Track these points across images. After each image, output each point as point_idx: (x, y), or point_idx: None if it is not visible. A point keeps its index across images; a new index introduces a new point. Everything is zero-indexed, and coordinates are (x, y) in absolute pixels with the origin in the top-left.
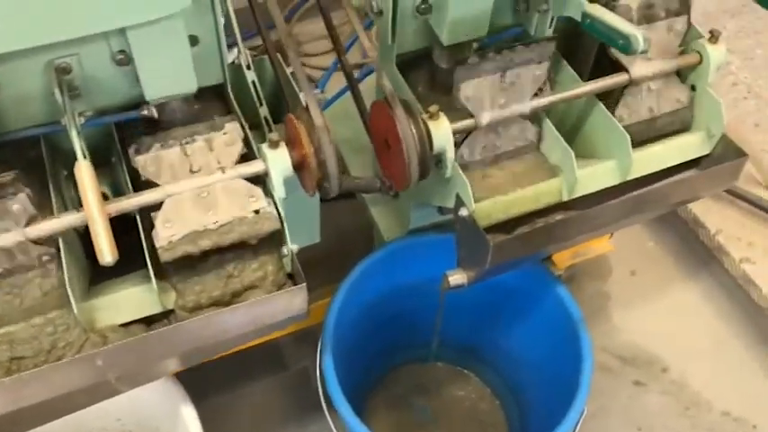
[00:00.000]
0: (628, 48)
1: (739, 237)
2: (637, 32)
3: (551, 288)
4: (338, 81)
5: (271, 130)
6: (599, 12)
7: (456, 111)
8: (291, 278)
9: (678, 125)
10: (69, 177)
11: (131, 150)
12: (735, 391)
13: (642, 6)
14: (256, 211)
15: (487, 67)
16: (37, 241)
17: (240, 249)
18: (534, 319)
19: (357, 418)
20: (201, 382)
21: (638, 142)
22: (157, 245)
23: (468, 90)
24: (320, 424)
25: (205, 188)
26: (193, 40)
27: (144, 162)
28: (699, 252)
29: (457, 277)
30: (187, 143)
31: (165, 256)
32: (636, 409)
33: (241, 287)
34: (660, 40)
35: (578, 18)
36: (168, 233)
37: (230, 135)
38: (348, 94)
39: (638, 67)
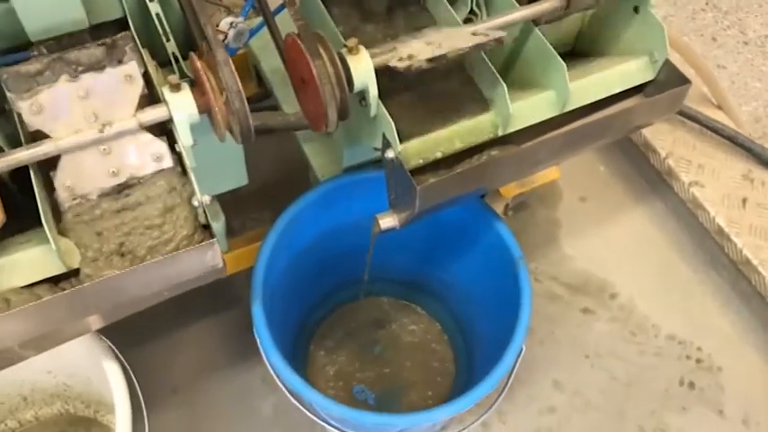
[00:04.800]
0: None
1: (689, 159)
2: None
3: (491, 225)
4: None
5: (180, 69)
6: None
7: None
8: (207, 229)
9: None
10: None
11: (11, 96)
12: (681, 315)
13: None
14: (160, 171)
15: None
16: None
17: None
18: (475, 255)
19: (289, 367)
20: (141, 326)
21: None
22: (61, 210)
23: None
24: (265, 367)
25: (105, 142)
26: None
27: (29, 108)
28: (649, 176)
29: (388, 220)
30: (77, 75)
31: (70, 224)
32: (584, 337)
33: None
34: None
35: None
36: (69, 196)
37: (129, 66)
38: (278, 17)
39: None
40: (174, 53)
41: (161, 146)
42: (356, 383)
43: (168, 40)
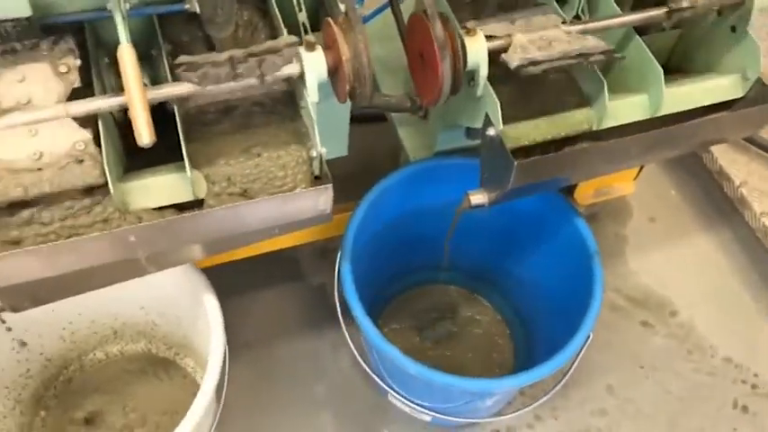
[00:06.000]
0: None
1: (762, 190)
2: None
3: (569, 218)
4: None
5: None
6: None
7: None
8: (318, 181)
9: None
10: (110, 66)
11: (178, 71)
12: (739, 340)
13: None
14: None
15: None
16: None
17: (268, 148)
18: (550, 248)
19: (370, 321)
20: (220, 282)
21: None
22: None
23: None
24: (335, 335)
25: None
26: None
27: (190, 77)
28: (719, 204)
29: (478, 197)
30: (240, 62)
31: (197, 130)
32: (641, 349)
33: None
34: None
35: None
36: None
37: (282, 57)
38: (385, 12)
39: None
40: (303, 23)
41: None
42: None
43: (300, 10)
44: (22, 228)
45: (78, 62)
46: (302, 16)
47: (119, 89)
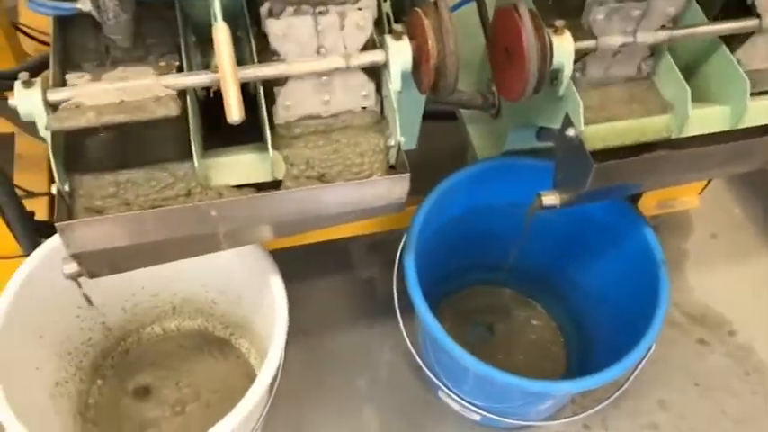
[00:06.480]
0: None
1: None
2: None
3: (637, 227)
4: None
5: (391, 26)
6: None
7: (577, 31)
8: (393, 170)
9: None
10: (197, 44)
11: (263, 10)
12: None
13: None
14: (363, 108)
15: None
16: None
17: (347, 134)
18: (615, 256)
19: (432, 314)
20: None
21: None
22: (276, 122)
23: (598, 14)
24: (384, 328)
25: (326, 74)
26: None
27: (274, 26)
28: None
29: (551, 198)
30: (320, 13)
31: (281, 132)
32: (697, 366)
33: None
34: None
35: None
36: (286, 114)
37: (363, 13)
38: (460, 10)
39: None
40: (387, 13)
41: (370, 88)
42: None
43: (385, 0)
44: (106, 199)
45: (177, 63)
46: (386, 6)
47: (204, 67)
